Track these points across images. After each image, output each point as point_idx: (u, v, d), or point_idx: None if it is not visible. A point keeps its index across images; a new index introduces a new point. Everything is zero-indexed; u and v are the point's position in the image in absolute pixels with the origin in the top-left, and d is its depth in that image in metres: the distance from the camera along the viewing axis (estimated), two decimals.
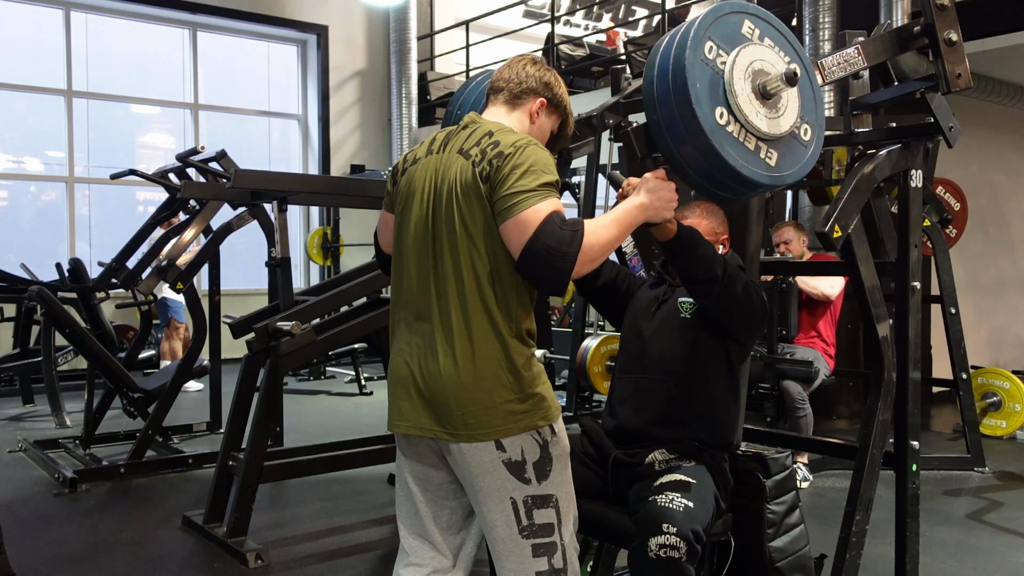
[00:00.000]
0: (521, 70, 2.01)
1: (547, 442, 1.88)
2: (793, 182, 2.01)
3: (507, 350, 1.83)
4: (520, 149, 1.80)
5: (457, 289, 1.83)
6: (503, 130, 1.89)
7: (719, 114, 1.88)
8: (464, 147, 1.88)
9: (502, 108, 2.01)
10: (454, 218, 1.83)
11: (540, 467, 1.87)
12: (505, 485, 1.85)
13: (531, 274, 1.78)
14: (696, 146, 1.88)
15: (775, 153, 1.95)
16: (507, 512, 1.86)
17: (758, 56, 1.96)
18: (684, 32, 1.91)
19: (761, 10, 2.02)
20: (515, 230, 1.75)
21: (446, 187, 1.87)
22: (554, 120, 2.06)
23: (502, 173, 1.78)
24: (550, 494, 1.88)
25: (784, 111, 1.97)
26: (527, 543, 1.87)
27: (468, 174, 1.83)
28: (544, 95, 2.01)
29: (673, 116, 1.89)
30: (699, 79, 1.86)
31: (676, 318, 2.38)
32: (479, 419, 1.82)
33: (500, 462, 1.84)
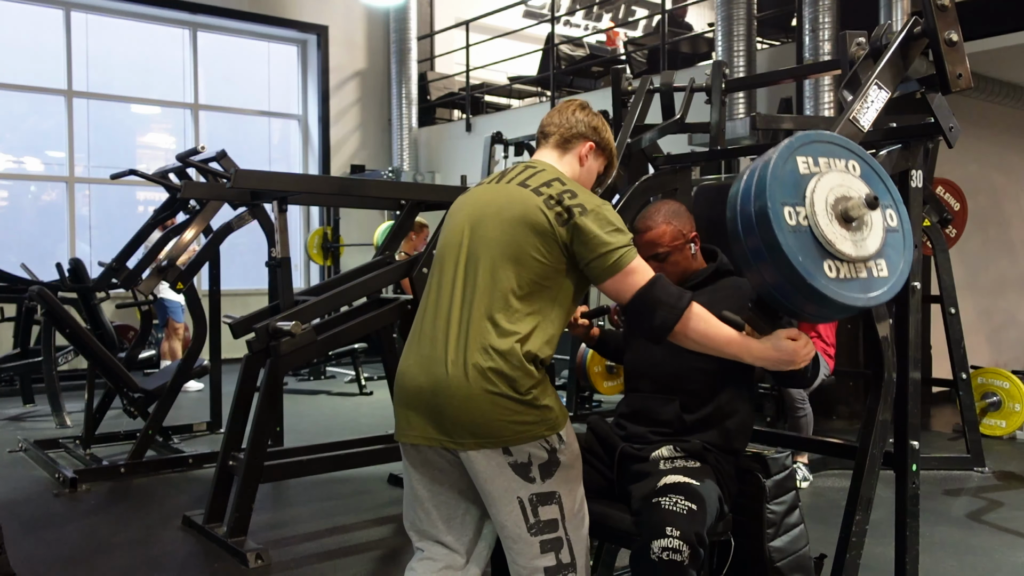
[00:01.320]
0: (571, 115, 2.14)
1: (555, 449, 1.94)
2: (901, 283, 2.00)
3: (516, 375, 1.88)
4: (602, 207, 1.95)
5: (479, 309, 1.91)
6: (572, 182, 2.00)
7: (828, 268, 1.88)
8: (528, 182, 2.00)
9: (553, 152, 2.13)
10: (500, 242, 1.94)
11: (546, 468, 1.94)
12: (512, 486, 1.92)
13: (638, 319, 1.95)
14: (819, 303, 1.89)
15: (883, 261, 1.96)
16: (516, 512, 1.93)
17: (828, 186, 1.94)
18: (760, 216, 1.88)
19: (793, 140, 1.99)
20: (628, 278, 1.91)
21: (497, 212, 1.98)
22: (600, 162, 2.19)
23: (592, 228, 1.91)
24: (553, 491, 1.94)
25: (869, 225, 1.96)
26: (535, 540, 1.94)
27: (535, 208, 1.93)
28: (592, 139, 2.15)
29: (794, 294, 1.89)
30: (799, 252, 1.85)
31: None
32: (488, 431, 1.89)
33: (507, 464, 1.91)
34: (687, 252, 2.42)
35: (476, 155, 8.42)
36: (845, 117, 2.20)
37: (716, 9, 7.02)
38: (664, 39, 7.98)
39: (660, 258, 2.40)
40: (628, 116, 2.97)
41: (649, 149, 2.97)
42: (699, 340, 1.96)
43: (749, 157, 2.61)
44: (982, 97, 6.79)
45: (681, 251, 2.41)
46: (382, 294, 4.24)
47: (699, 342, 1.97)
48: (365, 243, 9.53)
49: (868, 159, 2.06)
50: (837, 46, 5.85)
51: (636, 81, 3.08)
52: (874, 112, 2.23)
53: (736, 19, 6.76)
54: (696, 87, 2.98)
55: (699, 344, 1.97)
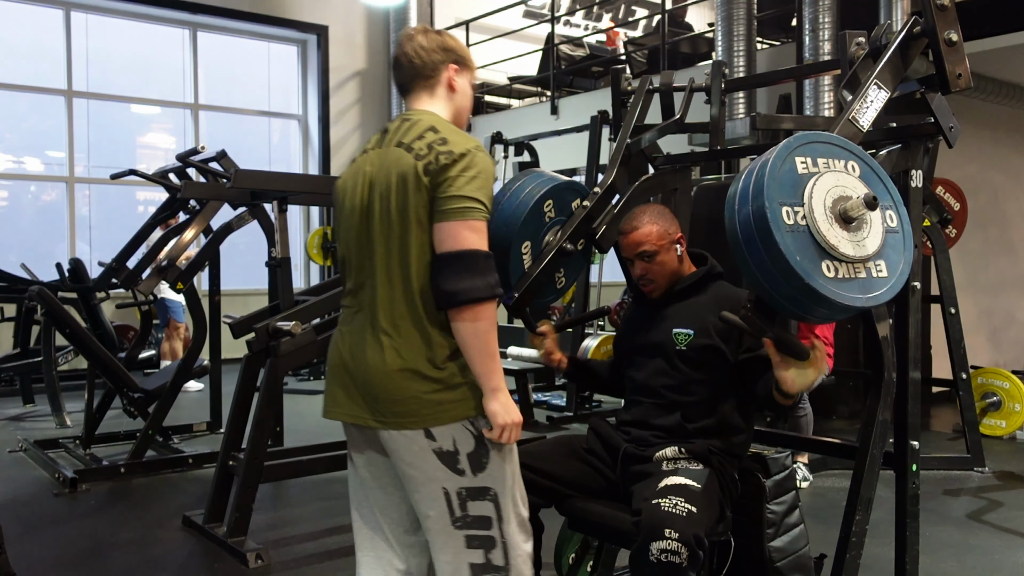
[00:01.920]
0: (419, 50, 1.97)
1: (482, 433, 1.85)
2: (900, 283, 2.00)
3: (431, 340, 1.82)
4: (473, 156, 1.82)
5: (386, 279, 1.84)
6: (446, 126, 1.89)
7: (826, 268, 1.88)
8: (404, 140, 1.88)
9: (422, 95, 1.99)
10: (389, 210, 1.84)
11: (475, 458, 1.85)
12: (436, 475, 1.84)
13: (445, 272, 1.78)
14: (817, 303, 1.89)
15: (882, 262, 1.96)
16: (440, 502, 1.85)
17: (827, 187, 1.94)
18: (757, 217, 1.88)
19: (792, 140, 1.99)
20: (466, 231, 1.79)
21: (384, 179, 1.87)
22: (469, 76, 2.05)
23: (454, 172, 1.80)
24: (487, 487, 1.86)
25: (869, 225, 1.96)
26: (460, 533, 1.86)
27: (411, 166, 1.83)
28: (451, 59, 2.00)
29: (792, 294, 1.88)
30: (797, 252, 1.85)
31: (672, 350, 2.37)
32: (407, 407, 1.81)
33: (430, 451, 1.83)
34: (673, 253, 2.42)
35: None
36: (844, 117, 2.20)
37: (716, 9, 7.02)
38: (664, 39, 7.98)
39: (646, 258, 2.40)
40: (628, 116, 2.97)
41: (649, 149, 2.96)
42: (476, 334, 1.79)
43: (749, 157, 2.61)
44: (982, 97, 6.79)
45: (667, 251, 2.41)
46: None
47: (474, 335, 1.79)
48: None
49: (867, 159, 2.06)
50: (837, 46, 5.85)
51: (636, 81, 3.08)
52: (874, 112, 2.22)
53: (736, 19, 6.76)
54: (696, 87, 2.97)
55: (471, 337, 1.79)
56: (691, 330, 2.35)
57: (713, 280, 2.45)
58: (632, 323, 2.54)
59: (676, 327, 2.38)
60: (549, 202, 2.71)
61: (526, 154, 8.08)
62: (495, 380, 1.82)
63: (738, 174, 2.01)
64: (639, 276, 2.43)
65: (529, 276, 2.65)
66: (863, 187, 1.99)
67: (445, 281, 1.78)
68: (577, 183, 2.88)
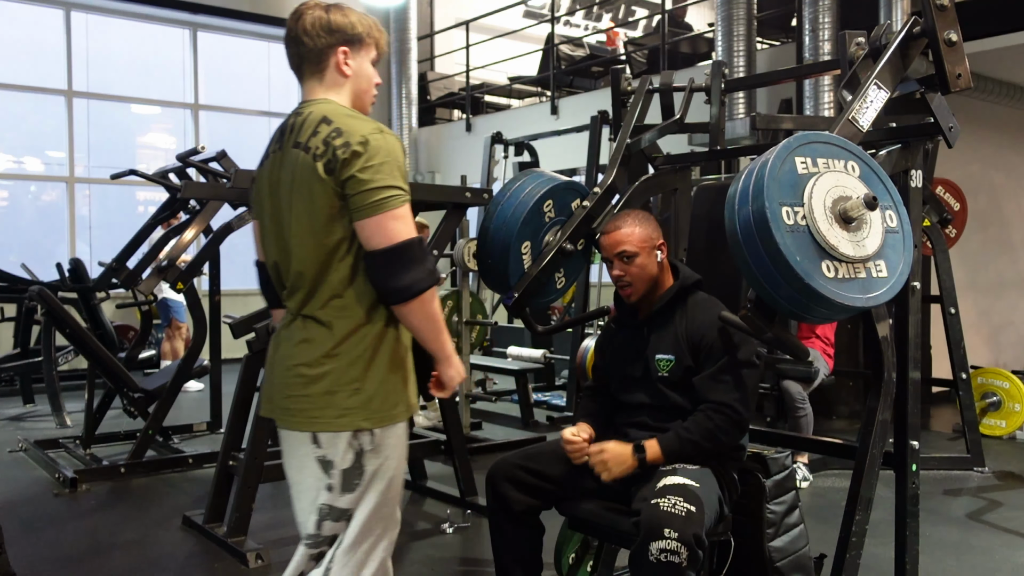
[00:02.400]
0: (302, 35, 1.84)
1: (363, 451, 1.76)
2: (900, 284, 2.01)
3: (345, 345, 1.75)
4: (372, 141, 1.72)
5: (305, 283, 1.78)
6: (340, 114, 1.77)
7: (826, 268, 1.88)
8: (300, 139, 1.78)
9: (313, 82, 1.87)
10: (299, 215, 1.76)
11: (347, 477, 1.76)
12: (314, 484, 1.78)
13: (384, 271, 1.71)
14: (817, 303, 1.89)
15: (882, 262, 1.96)
16: (312, 515, 1.80)
17: (826, 187, 1.94)
18: (757, 217, 1.88)
19: (792, 140, 1.99)
20: (392, 222, 1.70)
21: (288, 183, 1.79)
22: (367, 53, 1.88)
23: (352, 169, 1.70)
24: (347, 509, 1.78)
25: (869, 225, 1.96)
26: (307, 552, 1.81)
27: (310, 167, 1.73)
28: (339, 40, 1.83)
29: (792, 294, 1.89)
30: (797, 251, 1.85)
31: (655, 375, 2.38)
32: (299, 406, 1.76)
33: (314, 458, 1.77)
34: (653, 258, 2.41)
35: (476, 155, 8.42)
36: (844, 117, 2.20)
37: (716, 9, 7.02)
38: (664, 39, 7.98)
39: (626, 258, 2.39)
40: (628, 116, 2.97)
41: (649, 149, 2.96)
42: (427, 318, 1.75)
43: (749, 157, 2.61)
44: (982, 97, 6.79)
45: (648, 255, 2.40)
46: None
47: (425, 320, 1.75)
48: None
49: (867, 159, 2.06)
50: (837, 46, 5.85)
51: (636, 81, 3.08)
52: (873, 112, 2.23)
53: (736, 19, 6.76)
54: (696, 87, 2.97)
55: (423, 322, 1.75)
56: (671, 355, 2.36)
57: (690, 292, 2.43)
58: (615, 347, 2.52)
59: (658, 353, 2.38)
60: (549, 202, 2.71)
61: (526, 154, 8.08)
62: (447, 348, 1.82)
63: (738, 174, 2.01)
64: (617, 278, 2.42)
65: (529, 276, 2.65)
66: (863, 187, 1.99)
67: (388, 278, 1.70)
68: (577, 183, 2.88)
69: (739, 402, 2.26)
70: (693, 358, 2.32)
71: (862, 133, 2.21)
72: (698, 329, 2.32)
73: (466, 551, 3.55)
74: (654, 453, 2.24)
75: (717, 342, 2.29)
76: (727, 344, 2.29)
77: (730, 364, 2.27)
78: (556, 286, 2.76)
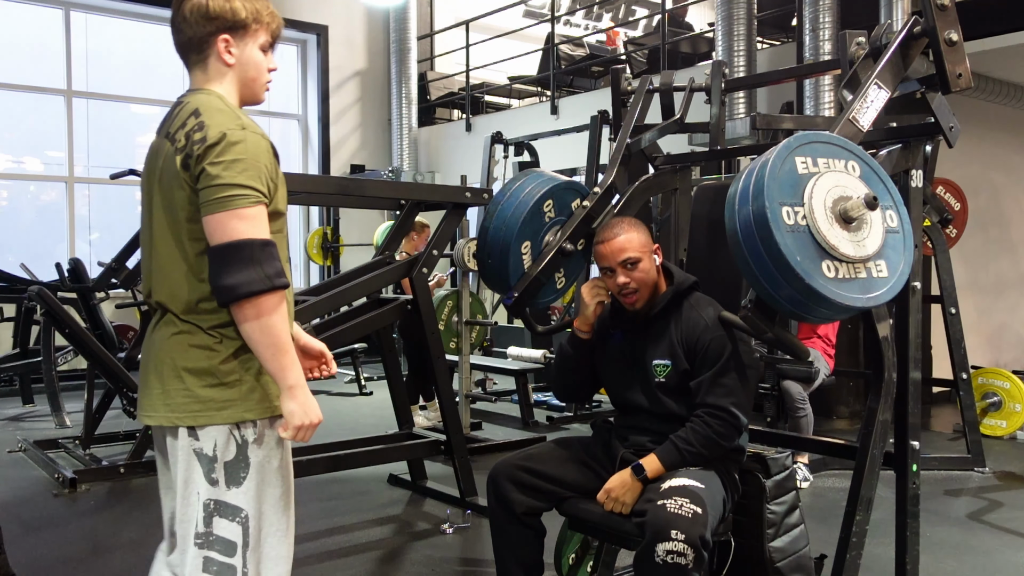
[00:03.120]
0: (181, 22, 1.76)
1: (246, 443, 1.71)
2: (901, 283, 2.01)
3: (209, 337, 1.71)
4: (230, 138, 1.66)
5: (164, 275, 1.74)
6: (210, 107, 1.71)
7: (826, 268, 1.88)
8: (171, 129, 1.73)
9: (198, 73, 1.80)
10: (158, 205, 1.73)
11: (232, 470, 1.70)
12: (195, 478, 1.71)
13: (218, 268, 1.64)
14: (817, 303, 1.89)
15: (882, 262, 1.96)
16: (191, 509, 1.72)
17: (827, 187, 1.94)
18: (757, 217, 1.88)
19: (792, 140, 1.99)
20: (236, 221, 1.63)
21: (155, 174, 1.75)
22: (256, 38, 1.79)
23: (204, 163, 1.65)
24: (239, 507, 1.71)
25: (869, 225, 1.96)
26: (199, 553, 1.71)
27: (171, 160, 1.69)
28: (219, 28, 1.75)
29: (792, 294, 1.89)
30: (797, 251, 1.85)
31: (652, 381, 2.37)
32: (176, 401, 1.70)
33: (192, 451, 1.71)
34: (653, 262, 2.40)
35: (476, 155, 8.42)
36: (845, 117, 2.20)
37: (716, 9, 7.02)
38: (664, 39, 7.98)
39: (630, 265, 2.36)
40: (628, 116, 2.97)
41: (649, 149, 2.96)
42: (261, 330, 1.64)
43: (749, 157, 2.61)
44: (982, 97, 6.78)
45: (649, 260, 2.39)
46: (382, 294, 4.24)
47: (259, 331, 1.64)
48: (365, 243, 9.53)
49: (867, 159, 2.06)
50: (837, 46, 5.84)
51: (636, 81, 3.08)
52: (874, 112, 2.22)
53: (736, 19, 6.76)
54: (696, 87, 2.97)
55: (256, 333, 1.65)
56: (668, 361, 2.35)
57: (687, 295, 2.41)
58: (611, 350, 2.50)
59: (655, 359, 2.37)
60: (549, 202, 2.71)
61: (526, 154, 8.08)
62: (290, 377, 1.67)
63: (738, 174, 2.00)
64: (621, 286, 2.36)
65: (529, 276, 2.65)
66: (863, 187, 1.98)
67: (219, 276, 1.63)
68: (577, 183, 2.87)
69: (736, 405, 2.25)
70: (689, 362, 2.31)
71: (862, 133, 2.21)
72: (693, 332, 2.31)
73: (466, 551, 3.54)
74: (654, 469, 2.23)
75: (712, 345, 2.28)
76: (723, 346, 2.28)
77: (726, 367, 2.26)
78: (556, 286, 2.76)
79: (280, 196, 1.79)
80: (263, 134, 1.74)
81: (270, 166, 1.73)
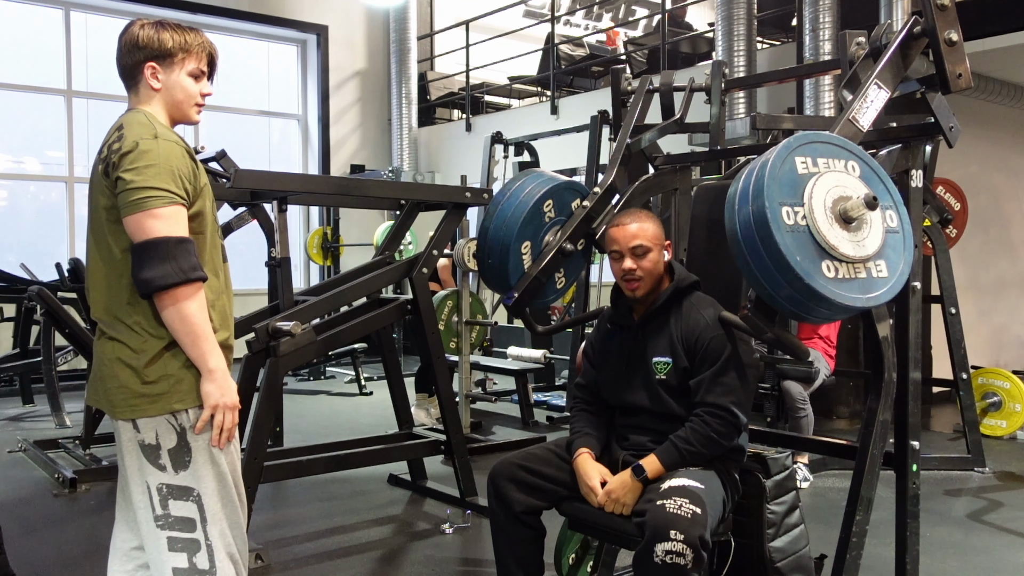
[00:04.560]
0: (118, 52, 1.96)
1: (184, 429, 1.86)
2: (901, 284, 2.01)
3: (139, 334, 1.85)
4: (142, 146, 1.82)
5: (99, 280, 1.90)
6: (131, 122, 1.89)
7: (826, 268, 1.88)
8: (103, 145, 1.91)
9: (132, 96, 1.99)
10: (91, 214, 1.91)
11: (176, 455, 1.86)
12: (142, 467, 1.87)
13: (138, 264, 1.79)
14: (817, 303, 1.89)
15: (882, 262, 1.96)
16: (144, 497, 1.87)
17: (827, 187, 1.94)
18: (757, 217, 1.87)
19: (792, 140, 1.98)
20: (152, 220, 1.79)
21: (90, 186, 1.94)
22: (181, 65, 1.96)
23: (119, 171, 1.81)
24: (190, 487, 1.86)
25: (869, 225, 1.96)
26: (163, 534, 1.86)
27: (99, 172, 1.88)
28: (146, 56, 1.93)
29: (792, 294, 1.89)
30: (797, 251, 1.85)
31: (652, 379, 2.37)
32: (117, 396, 1.86)
33: (136, 442, 1.86)
34: (662, 257, 2.41)
35: (476, 155, 8.42)
36: (845, 117, 2.20)
37: (716, 9, 7.02)
38: (664, 39, 7.98)
39: (639, 252, 2.38)
40: (628, 116, 2.97)
41: (649, 149, 2.96)
42: (180, 319, 1.80)
43: (749, 157, 2.61)
44: (982, 97, 6.78)
45: (659, 252, 2.40)
46: (382, 294, 4.24)
47: (178, 320, 1.81)
48: (365, 243, 9.53)
49: (867, 159, 2.06)
50: (837, 46, 5.85)
51: (636, 81, 3.08)
52: (874, 112, 2.22)
53: (736, 19, 6.76)
54: (696, 87, 2.97)
55: (176, 322, 1.81)
56: (668, 358, 2.35)
57: (686, 293, 2.41)
58: (610, 348, 2.50)
59: (655, 356, 2.37)
60: (549, 202, 2.71)
61: (526, 154, 8.08)
62: (210, 361, 1.84)
63: (738, 174, 2.00)
64: (627, 271, 2.38)
65: (529, 276, 2.65)
66: (863, 187, 1.98)
67: (138, 270, 1.79)
68: (577, 183, 2.87)
69: (736, 404, 2.25)
70: (689, 361, 2.31)
71: (862, 133, 2.21)
72: (693, 331, 2.31)
73: (466, 551, 3.54)
74: (655, 470, 2.23)
75: (712, 343, 2.28)
76: (723, 345, 2.28)
77: (726, 366, 2.26)
78: (556, 286, 2.76)
79: (204, 199, 1.94)
80: (177, 141, 1.90)
81: (184, 169, 1.87)
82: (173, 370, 1.85)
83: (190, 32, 1.98)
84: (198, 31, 2.01)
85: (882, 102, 2.23)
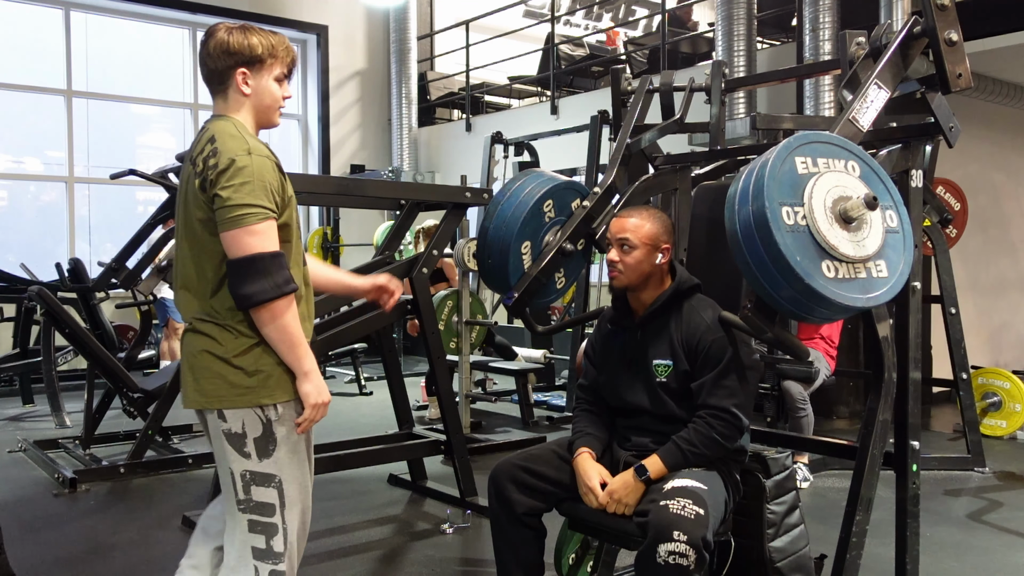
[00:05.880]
0: (206, 57, 2.00)
1: (271, 421, 1.96)
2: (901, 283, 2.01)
3: (229, 334, 1.94)
4: (239, 162, 1.88)
5: (191, 283, 2.00)
6: (224, 134, 1.94)
7: (826, 268, 1.88)
8: (194, 154, 1.97)
9: (219, 101, 2.03)
10: (186, 223, 1.98)
11: (262, 444, 1.97)
12: (227, 455, 1.97)
13: (235, 279, 1.89)
14: (817, 303, 1.89)
15: (882, 262, 1.96)
16: (228, 482, 1.99)
17: (827, 187, 1.94)
18: (757, 217, 1.87)
19: (792, 140, 1.98)
20: (248, 237, 1.87)
21: (183, 194, 2.01)
22: (271, 70, 2.03)
23: (217, 187, 1.88)
24: (272, 474, 1.98)
25: (869, 225, 1.96)
26: (244, 517, 1.98)
27: (194, 183, 1.95)
28: (238, 61, 1.98)
29: (792, 294, 1.89)
30: (797, 251, 1.85)
31: (652, 380, 2.37)
32: (207, 387, 1.95)
33: (222, 432, 1.97)
34: (652, 258, 2.38)
35: (476, 155, 8.42)
36: (845, 117, 2.20)
37: (716, 9, 7.02)
38: (664, 39, 7.98)
39: (624, 246, 2.38)
40: (628, 116, 2.97)
41: (649, 149, 2.96)
42: (276, 330, 1.92)
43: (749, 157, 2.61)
44: (982, 97, 6.78)
45: (648, 253, 2.38)
46: None
47: (275, 331, 1.92)
48: (365, 243, 9.53)
49: (867, 159, 2.06)
50: (837, 46, 5.84)
51: (636, 81, 3.08)
52: (874, 112, 2.22)
53: (736, 19, 6.76)
54: (696, 87, 2.97)
55: (273, 333, 1.92)
56: (669, 360, 2.34)
57: (686, 296, 2.40)
58: (610, 349, 2.50)
59: (656, 358, 2.37)
60: (549, 202, 2.71)
61: (526, 154, 8.08)
62: (305, 364, 1.96)
63: (738, 174, 2.00)
64: (610, 261, 2.41)
65: (529, 276, 2.65)
66: (863, 187, 1.98)
67: (237, 286, 1.89)
68: (577, 183, 2.87)
69: (737, 406, 2.25)
70: (690, 363, 2.31)
71: (862, 133, 2.21)
72: (694, 333, 2.31)
73: (466, 551, 3.54)
74: (657, 470, 2.23)
75: (713, 346, 2.28)
76: (723, 348, 2.28)
77: (728, 368, 2.26)
78: (556, 286, 2.76)
79: (291, 209, 2.01)
80: (268, 155, 1.97)
81: (275, 183, 1.94)
82: (265, 366, 1.95)
83: (274, 36, 2.04)
84: (281, 36, 2.06)
85: (882, 102, 2.23)
